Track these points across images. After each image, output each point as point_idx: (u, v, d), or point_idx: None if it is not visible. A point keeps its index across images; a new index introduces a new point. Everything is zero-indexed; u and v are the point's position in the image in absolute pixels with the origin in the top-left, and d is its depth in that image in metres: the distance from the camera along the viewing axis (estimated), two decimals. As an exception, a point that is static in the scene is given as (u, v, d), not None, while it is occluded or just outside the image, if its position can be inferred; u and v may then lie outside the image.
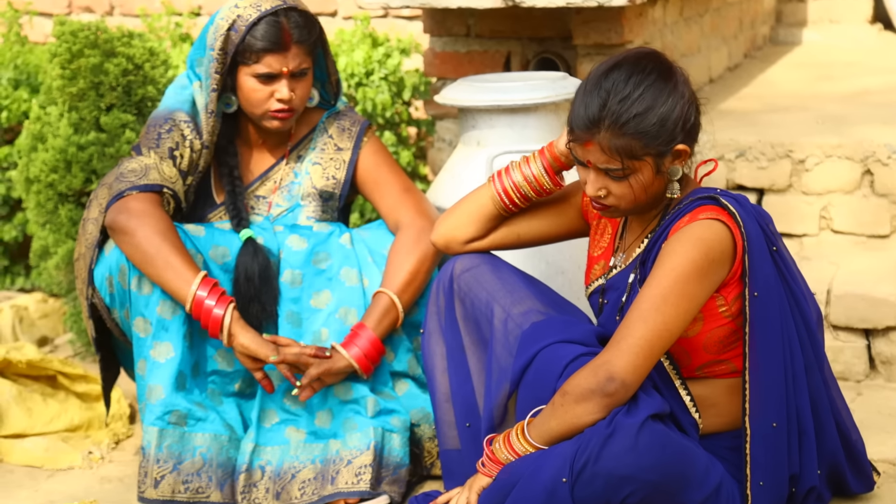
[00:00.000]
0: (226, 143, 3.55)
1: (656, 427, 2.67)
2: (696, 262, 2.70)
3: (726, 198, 2.77)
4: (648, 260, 2.81)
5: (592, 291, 3.01)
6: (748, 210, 2.77)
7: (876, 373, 3.86)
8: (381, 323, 3.40)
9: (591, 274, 3.03)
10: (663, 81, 2.75)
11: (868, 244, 4.21)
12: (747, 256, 2.73)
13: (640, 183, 2.77)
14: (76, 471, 3.70)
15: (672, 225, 2.78)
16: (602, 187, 2.79)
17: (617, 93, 2.72)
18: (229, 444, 3.39)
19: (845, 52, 6.18)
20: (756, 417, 2.76)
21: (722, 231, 2.73)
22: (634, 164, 2.74)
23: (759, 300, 2.74)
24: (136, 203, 3.34)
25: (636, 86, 2.73)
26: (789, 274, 2.80)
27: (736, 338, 2.80)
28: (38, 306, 4.64)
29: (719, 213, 2.74)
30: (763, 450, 2.77)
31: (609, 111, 2.72)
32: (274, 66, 3.41)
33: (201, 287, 3.29)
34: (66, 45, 3.96)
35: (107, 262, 3.38)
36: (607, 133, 2.73)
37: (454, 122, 4.53)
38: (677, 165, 2.80)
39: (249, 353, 3.31)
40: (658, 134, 2.72)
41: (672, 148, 2.76)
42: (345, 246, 3.50)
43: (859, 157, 4.20)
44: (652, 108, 2.72)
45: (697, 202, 2.78)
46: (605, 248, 3.01)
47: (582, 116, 2.76)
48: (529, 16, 4.33)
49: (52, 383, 3.98)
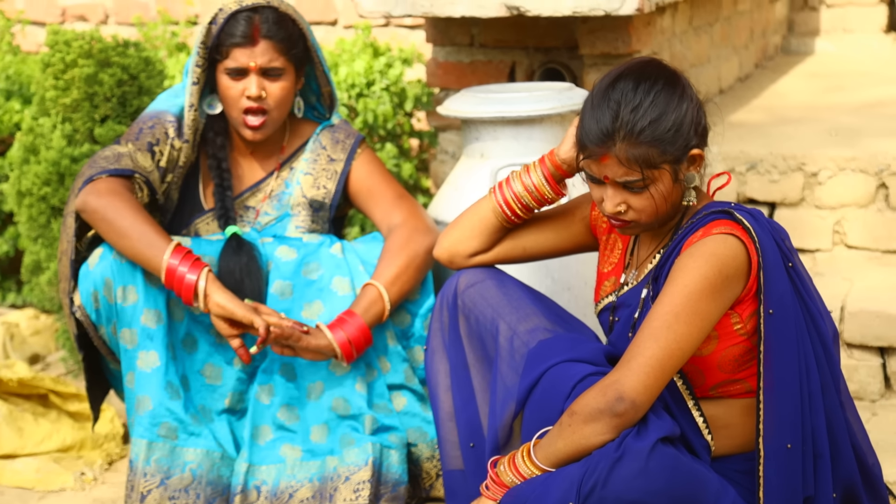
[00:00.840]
0: (216, 150, 3.56)
1: (666, 451, 2.63)
2: (709, 279, 2.66)
3: (741, 212, 2.74)
4: (661, 276, 2.79)
5: (602, 309, 2.98)
6: (763, 225, 2.74)
7: (891, 392, 3.83)
8: (369, 312, 3.38)
9: (602, 290, 3.00)
10: (671, 87, 2.74)
11: (883, 259, 4.18)
12: (762, 273, 2.70)
13: (660, 193, 2.74)
14: (68, 492, 3.68)
15: (685, 239, 2.75)
16: (621, 202, 2.76)
17: (627, 102, 2.71)
18: (221, 461, 3.38)
19: (859, 63, 6.19)
20: (770, 438, 2.72)
21: (736, 246, 2.69)
22: (653, 173, 2.72)
23: (774, 318, 2.70)
24: (106, 184, 3.36)
25: (646, 93, 2.71)
26: (805, 291, 2.77)
27: (751, 356, 2.76)
28: (30, 323, 4.65)
29: (734, 228, 2.71)
30: (777, 472, 2.73)
31: (622, 121, 2.70)
32: (241, 61, 3.42)
33: (173, 255, 3.28)
34: (59, 54, 3.98)
35: (91, 277, 3.37)
36: (623, 144, 2.70)
37: (457, 134, 4.51)
38: (693, 171, 2.78)
39: (226, 313, 3.27)
40: (674, 139, 2.71)
41: (688, 153, 2.74)
42: (336, 255, 3.49)
43: (874, 170, 4.17)
44: (665, 113, 2.71)
45: (711, 216, 2.75)
46: (615, 265, 2.98)
47: (595, 131, 2.72)
48: (534, 25, 4.31)
49: (43, 402, 3.99)
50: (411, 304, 3.49)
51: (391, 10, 4.11)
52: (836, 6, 6.56)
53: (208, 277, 3.28)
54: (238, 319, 3.27)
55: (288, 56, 3.45)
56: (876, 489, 2.90)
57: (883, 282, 3.99)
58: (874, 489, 2.89)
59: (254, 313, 3.27)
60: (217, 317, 3.29)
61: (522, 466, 2.74)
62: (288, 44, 3.44)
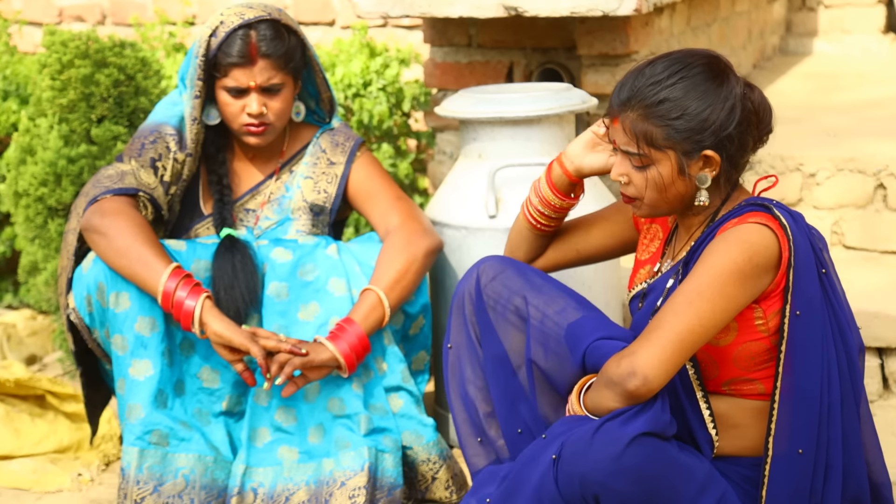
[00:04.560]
0: (215, 152, 3.57)
1: (647, 440, 2.60)
2: (737, 264, 2.64)
3: (780, 209, 2.72)
4: (692, 261, 2.77)
5: (634, 296, 2.98)
6: (801, 227, 2.72)
7: (889, 392, 3.81)
8: (368, 319, 3.37)
9: (636, 278, 3.00)
10: (707, 81, 2.71)
11: (881, 260, 4.17)
12: (792, 271, 2.68)
13: (658, 177, 2.74)
14: (65, 493, 3.67)
15: (719, 227, 2.73)
16: (623, 173, 2.78)
17: (653, 76, 2.72)
18: (214, 465, 3.37)
19: (857, 63, 6.18)
20: (781, 440, 2.70)
21: (769, 238, 2.67)
22: (654, 153, 2.72)
23: (800, 320, 2.68)
24: (110, 204, 3.36)
25: (673, 74, 2.71)
26: (836, 300, 2.74)
27: (769, 356, 2.74)
28: (27, 324, 4.65)
29: (769, 221, 2.69)
30: (784, 475, 2.71)
31: (639, 92, 2.71)
32: (241, 81, 3.41)
33: (171, 278, 3.26)
34: (56, 55, 3.96)
35: (84, 281, 3.37)
36: (632, 113, 2.72)
37: (455, 135, 4.50)
38: (706, 173, 2.75)
39: (224, 341, 3.26)
40: (685, 129, 2.69)
41: (700, 151, 2.71)
42: (331, 256, 3.47)
43: (872, 170, 4.16)
44: (681, 99, 2.69)
45: (749, 208, 2.74)
46: (652, 254, 2.98)
47: (616, 93, 2.76)
48: (532, 26, 4.30)
49: (40, 403, 3.98)
50: (406, 304, 3.48)
51: (389, 10, 4.11)
52: (834, 7, 6.55)
53: (205, 305, 3.25)
54: (236, 347, 3.25)
55: (286, 70, 3.45)
56: None
57: (881, 282, 3.98)
58: None
59: (251, 341, 3.24)
60: (216, 344, 3.28)
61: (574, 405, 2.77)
62: (286, 58, 3.43)
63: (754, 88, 2.77)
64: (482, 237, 3.57)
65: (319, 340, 3.32)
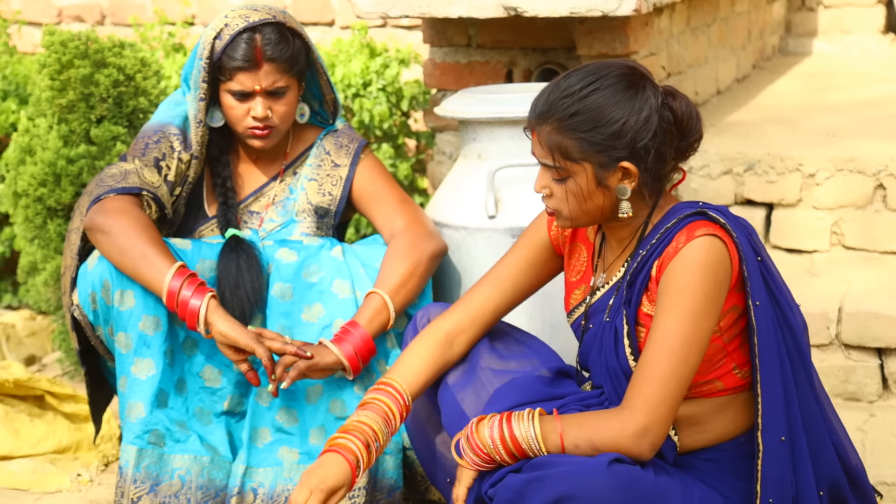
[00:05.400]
0: (219, 154, 3.56)
1: (622, 468, 2.60)
2: (707, 295, 2.65)
3: (713, 210, 2.72)
4: (637, 281, 2.76)
5: (575, 318, 2.97)
6: (735, 222, 2.73)
7: (889, 393, 3.81)
8: (373, 322, 3.36)
9: (572, 299, 2.98)
10: (621, 91, 2.69)
11: (881, 260, 4.17)
12: (744, 266, 2.69)
13: (575, 190, 2.73)
14: (64, 494, 3.67)
15: (665, 246, 2.71)
16: (545, 185, 2.78)
17: (567, 89, 2.71)
18: (211, 465, 3.37)
19: (857, 63, 6.18)
20: (769, 432, 2.71)
21: (722, 250, 2.68)
22: (570, 165, 2.71)
23: (760, 309, 2.70)
24: (114, 203, 3.34)
25: (587, 86, 2.70)
26: (774, 284, 2.76)
27: (723, 354, 2.74)
28: (26, 324, 4.65)
29: (715, 229, 2.69)
30: (773, 465, 2.72)
31: (553, 105, 2.71)
32: (246, 84, 3.41)
33: (176, 277, 3.24)
34: (55, 55, 3.95)
35: (89, 278, 3.35)
36: (547, 127, 2.71)
37: (454, 135, 4.49)
38: (625, 185, 2.73)
39: (229, 341, 3.24)
40: (596, 140, 2.68)
41: (617, 163, 2.70)
42: (336, 258, 3.46)
43: (871, 170, 4.15)
44: (594, 111, 2.68)
45: (688, 219, 2.72)
46: (582, 272, 2.96)
47: (533, 107, 2.76)
48: (532, 26, 4.29)
49: (39, 403, 3.97)
50: (410, 307, 3.47)
51: (388, 10, 4.10)
52: (833, 7, 6.55)
53: (210, 304, 3.24)
54: (241, 348, 3.24)
55: (291, 73, 3.43)
56: (862, 489, 2.88)
57: (880, 283, 3.98)
58: (860, 489, 2.88)
59: (256, 341, 3.23)
60: (221, 344, 3.27)
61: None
62: (291, 61, 3.42)
63: (678, 97, 2.74)
64: (482, 237, 3.56)
65: (324, 343, 3.31)
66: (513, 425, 2.70)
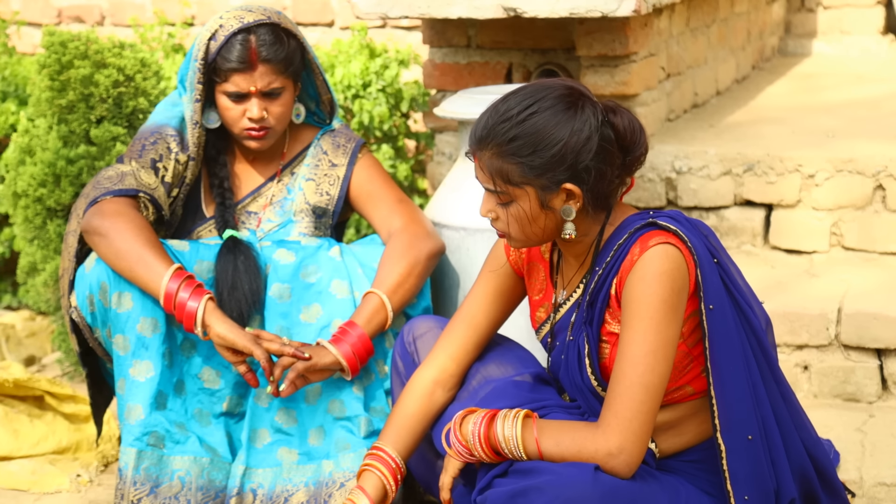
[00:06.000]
0: (216, 154, 3.56)
1: (606, 478, 2.61)
2: (665, 301, 2.64)
3: (663, 218, 2.71)
4: (598, 300, 2.75)
5: (542, 335, 2.97)
6: (687, 225, 2.72)
7: (889, 394, 3.80)
8: (371, 322, 3.36)
9: (537, 318, 2.99)
10: (559, 114, 2.67)
11: (880, 261, 4.16)
12: (699, 271, 2.68)
13: (520, 213, 2.72)
14: (64, 494, 3.66)
15: (621, 261, 2.71)
16: (491, 209, 2.76)
17: (505, 113, 2.68)
18: (211, 466, 3.36)
19: (856, 64, 6.17)
20: (728, 431, 2.70)
21: (677, 256, 2.67)
22: (512, 190, 2.70)
23: (714, 312, 2.69)
24: (110, 205, 3.34)
25: (524, 110, 2.67)
26: (733, 284, 2.75)
27: (689, 360, 2.75)
28: (26, 324, 4.64)
29: (668, 237, 2.68)
30: (742, 464, 2.71)
31: (491, 130, 2.69)
32: (241, 86, 3.41)
33: (173, 279, 3.24)
34: (55, 55, 3.95)
35: (87, 280, 3.35)
36: (488, 152, 2.69)
37: (454, 135, 4.48)
38: (570, 205, 2.72)
39: (227, 343, 3.24)
40: (536, 165, 2.66)
41: (558, 185, 2.68)
42: (334, 258, 3.46)
43: (871, 171, 4.15)
44: (533, 136, 2.66)
45: (640, 231, 2.71)
46: (544, 290, 2.96)
47: (473, 131, 2.74)
48: (531, 26, 4.28)
49: (39, 404, 3.97)
50: (408, 306, 3.48)
51: (388, 11, 4.10)
52: (833, 8, 6.55)
53: (207, 306, 3.23)
54: (239, 349, 3.24)
55: (287, 74, 3.43)
56: (832, 485, 2.89)
57: (880, 283, 3.97)
58: (830, 485, 2.88)
59: (254, 343, 3.22)
60: (219, 346, 3.26)
61: None
62: (286, 62, 3.42)
63: (619, 112, 2.72)
64: (481, 238, 3.56)
65: (322, 344, 3.31)
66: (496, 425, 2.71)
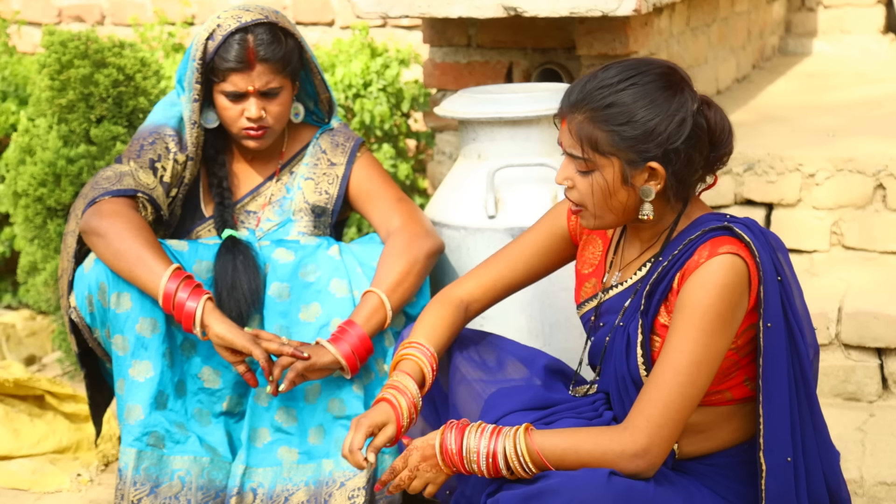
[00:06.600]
0: (214, 154, 3.56)
1: (620, 481, 2.58)
2: (720, 314, 2.60)
3: (739, 226, 2.66)
4: (657, 291, 2.71)
5: (585, 311, 2.93)
6: (760, 237, 2.68)
7: (889, 393, 3.80)
8: (371, 321, 3.35)
9: (582, 292, 2.95)
10: (659, 90, 2.65)
11: (880, 260, 4.16)
12: (762, 287, 2.64)
13: (600, 184, 2.68)
14: (64, 494, 3.67)
15: (687, 258, 2.67)
16: (568, 177, 2.73)
17: (604, 80, 2.66)
18: (211, 465, 3.36)
19: (856, 63, 6.17)
20: (771, 453, 2.68)
21: (743, 271, 2.62)
22: (598, 158, 2.66)
23: (772, 331, 2.65)
24: (109, 206, 3.34)
25: (625, 80, 2.65)
26: (790, 306, 2.70)
27: (736, 368, 2.71)
28: (26, 324, 4.64)
29: (739, 248, 2.63)
30: (777, 484, 2.69)
31: (588, 95, 2.66)
32: (239, 85, 3.40)
33: (172, 279, 3.23)
34: (55, 55, 3.95)
35: (86, 281, 3.35)
36: (580, 116, 2.66)
37: (454, 135, 4.49)
38: (650, 186, 2.68)
39: (226, 343, 3.23)
40: (628, 136, 2.64)
41: (645, 162, 2.65)
42: (333, 257, 3.46)
43: (871, 171, 4.15)
44: (630, 105, 2.64)
45: (712, 233, 2.67)
46: (595, 265, 2.92)
47: (566, 95, 2.71)
48: (532, 26, 4.28)
49: (39, 403, 3.97)
50: (407, 305, 3.48)
51: (388, 10, 4.10)
52: (833, 7, 6.55)
53: (206, 307, 3.23)
54: (238, 349, 3.23)
55: (284, 73, 3.43)
56: None
57: (880, 283, 3.97)
58: None
59: (253, 343, 3.22)
60: (218, 346, 3.26)
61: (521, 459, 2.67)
62: (284, 62, 3.42)
63: (713, 107, 2.71)
64: (481, 237, 3.56)
65: (321, 343, 3.31)
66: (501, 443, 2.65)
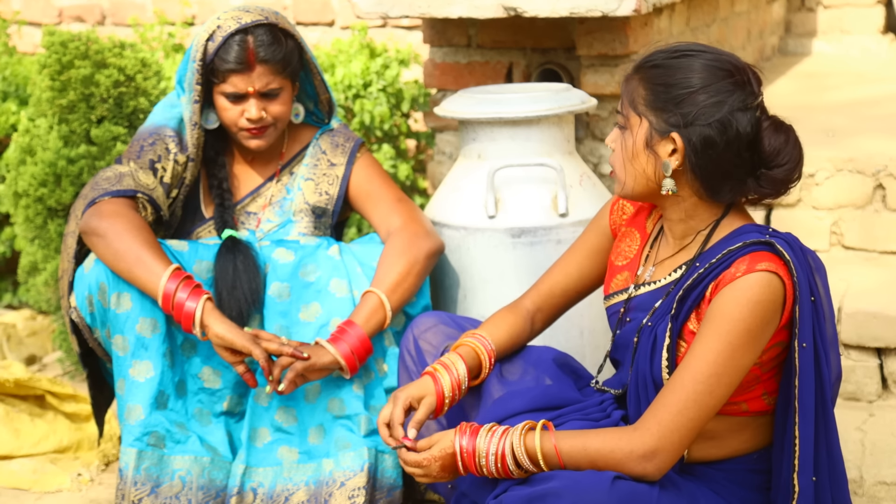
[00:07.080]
0: (214, 155, 3.56)
1: (625, 484, 2.56)
2: (751, 332, 2.58)
3: (780, 242, 2.63)
4: (689, 298, 2.67)
5: (613, 303, 2.91)
6: (798, 256, 2.64)
7: (889, 393, 3.80)
8: (370, 321, 3.36)
9: (613, 284, 2.93)
10: (716, 71, 2.63)
11: (880, 260, 4.16)
12: (797, 307, 2.61)
13: (627, 143, 2.69)
14: (65, 493, 3.67)
15: (724, 269, 2.63)
16: (613, 139, 2.75)
17: (670, 47, 2.67)
18: (211, 465, 3.36)
19: (856, 63, 6.17)
20: (804, 473, 2.66)
21: (778, 289, 2.59)
22: (631, 116, 2.68)
23: (806, 352, 2.63)
24: (108, 206, 3.34)
25: (688, 51, 2.65)
26: (819, 329, 2.66)
27: (757, 381, 2.68)
28: (27, 324, 4.64)
29: (778, 266, 2.59)
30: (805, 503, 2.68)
31: (650, 57, 2.67)
32: (239, 87, 3.41)
33: (171, 279, 3.23)
34: (55, 55, 3.95)
35: (86, 281, 3.35)
36: (636, 76, 2.68)
37: (454, 135, 4.48)
38: (670, 161, 2.66)
39: (225, 343, 3.24)
40: (660, 98, 2.63)
41: (668, 132, 2.64)
42: (333, 257, 3.46)
43: (871, 170, 4.15)
44: (675, 70, 2.63)
45: (752, 247, 2.63)
46: (630, 259, 2.90)
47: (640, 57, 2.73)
48: (532, 26, 4.28)
49: (40, 403, 3.97)
50: (407, 305, 3.48)
51: (388, 10, 4.10)
52: (833, 7, 6.55)
53: (206, 307, 3.23)
54: (237, 349, 3.23)
55: (284, 74, 3.43)
56: None
57: (880, 283, 3.97)
58: None
59: (252, 343, 3.22)
60: (217, 346, 3.26)
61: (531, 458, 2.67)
62: (284, 63, 3.42)
63: (780, 129, 2.64)
64: (481, 237, 3.56)
65: (321, 343, 3.31)
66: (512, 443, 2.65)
